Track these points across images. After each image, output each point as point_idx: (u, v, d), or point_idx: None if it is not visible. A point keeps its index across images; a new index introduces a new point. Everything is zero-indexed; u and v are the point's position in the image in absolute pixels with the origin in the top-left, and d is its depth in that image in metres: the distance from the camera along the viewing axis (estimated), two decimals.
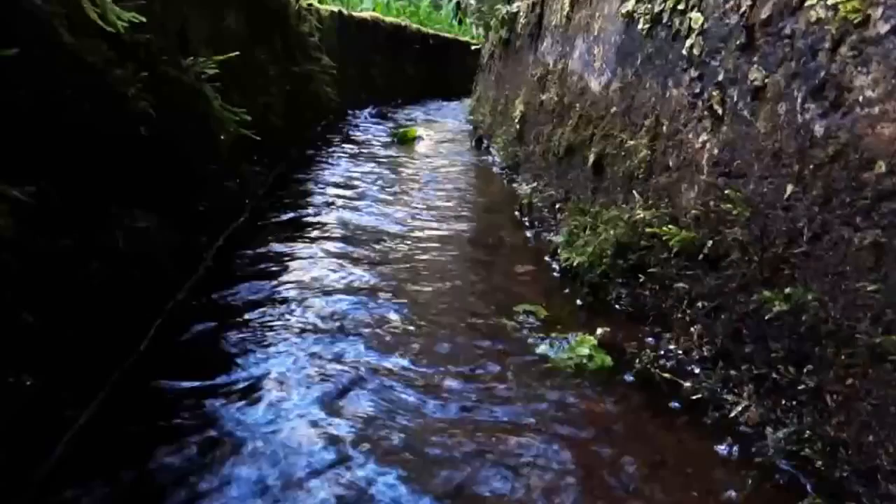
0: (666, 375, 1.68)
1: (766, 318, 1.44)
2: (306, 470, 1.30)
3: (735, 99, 1.64)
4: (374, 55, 8.35)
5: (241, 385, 1.58)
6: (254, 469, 1.29)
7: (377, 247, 2.68)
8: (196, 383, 1.56)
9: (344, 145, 5.16)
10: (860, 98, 1.22)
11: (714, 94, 1.72)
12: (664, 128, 2.03)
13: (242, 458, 1.32)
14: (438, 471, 1.32)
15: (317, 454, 1.34)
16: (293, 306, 2.03)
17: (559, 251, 2.44)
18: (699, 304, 1.72)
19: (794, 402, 1.36)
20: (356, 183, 3.86)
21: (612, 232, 2.11)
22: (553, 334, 1.90)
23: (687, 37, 1.88)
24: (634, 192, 2.15)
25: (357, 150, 4.97)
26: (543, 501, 1.26)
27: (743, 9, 1.61)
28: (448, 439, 1.42)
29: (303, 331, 1.87)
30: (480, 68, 7.55)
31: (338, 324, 1.94)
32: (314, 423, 1.45)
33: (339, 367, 1.69)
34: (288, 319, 1.94)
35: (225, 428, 1.41)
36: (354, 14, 7.85)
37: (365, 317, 2.00)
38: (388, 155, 4.93)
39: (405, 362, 1.74)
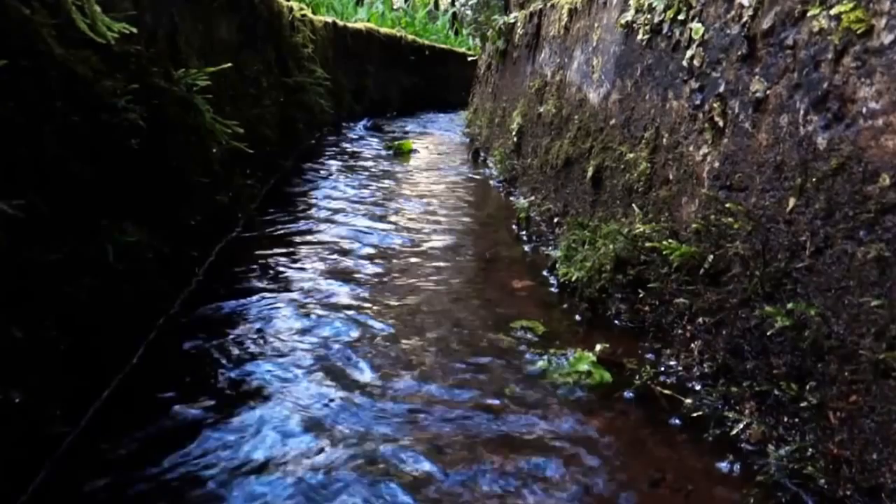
0: (666, 392, 1.66)
1: (768, 333, 1.42)
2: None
3: (736, 111, 1.62)
4: (368, 67, 8.37)
5: (232, 401, 1.56)
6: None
7: (371, 262, 2.66)
8: (187, 399, 1.54)
9: (338, 158, 5.15)
10: (863, 110, 1.21)
11: (715, 105, 1.71)
12: (664, 140, 2.01)
13: (231, 480, 1.30)
14: (434, 486, 1.30)
15: (304, 478, 1.32)
16: (286, 322, 2.01)
17: (557, 266, 2.41)
18: (700, 319, 1.70)
19: (797, 419, 1.34)
20: (350, 196, 3.84)
21: (611, 246, 2.09)
22: (551, 350, 1.88)
23: (687, 47, 1.87)
24: (634, 205, 2.13)
25: (351, 163, 4.96)
26: None
27: (744, 19, 1.60)
28: (444, 455, 1.40)
29: (295, 348, 1.85)
30: (477, 80, 7.57)
31: (332, 338, 1.92)
32: (304, 441, 1.43)
33: (334, 381, 1.67)
34: (280, 336, 1.92)
35: (212, 446, 1.39)
36: (349, 25, 7.87)
37: (359, 333, 1.97)
38: (383, 168, 4.92)
39: (401, 379, 1.72)
